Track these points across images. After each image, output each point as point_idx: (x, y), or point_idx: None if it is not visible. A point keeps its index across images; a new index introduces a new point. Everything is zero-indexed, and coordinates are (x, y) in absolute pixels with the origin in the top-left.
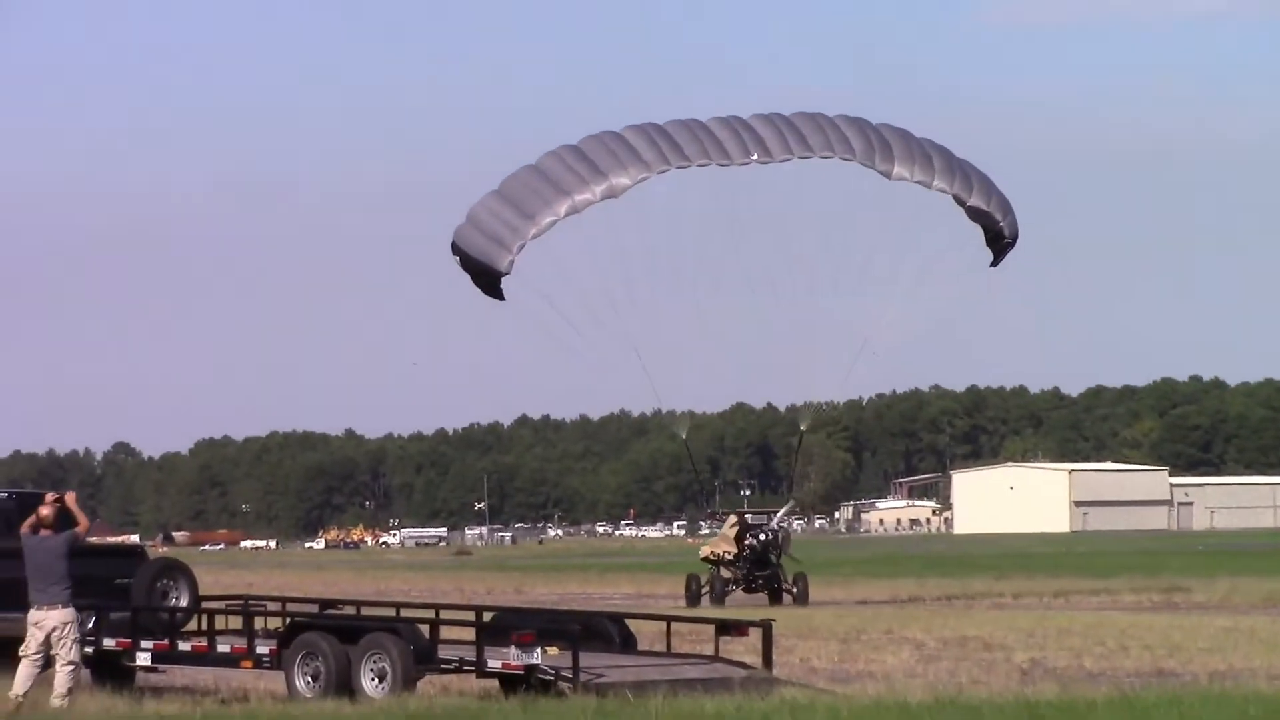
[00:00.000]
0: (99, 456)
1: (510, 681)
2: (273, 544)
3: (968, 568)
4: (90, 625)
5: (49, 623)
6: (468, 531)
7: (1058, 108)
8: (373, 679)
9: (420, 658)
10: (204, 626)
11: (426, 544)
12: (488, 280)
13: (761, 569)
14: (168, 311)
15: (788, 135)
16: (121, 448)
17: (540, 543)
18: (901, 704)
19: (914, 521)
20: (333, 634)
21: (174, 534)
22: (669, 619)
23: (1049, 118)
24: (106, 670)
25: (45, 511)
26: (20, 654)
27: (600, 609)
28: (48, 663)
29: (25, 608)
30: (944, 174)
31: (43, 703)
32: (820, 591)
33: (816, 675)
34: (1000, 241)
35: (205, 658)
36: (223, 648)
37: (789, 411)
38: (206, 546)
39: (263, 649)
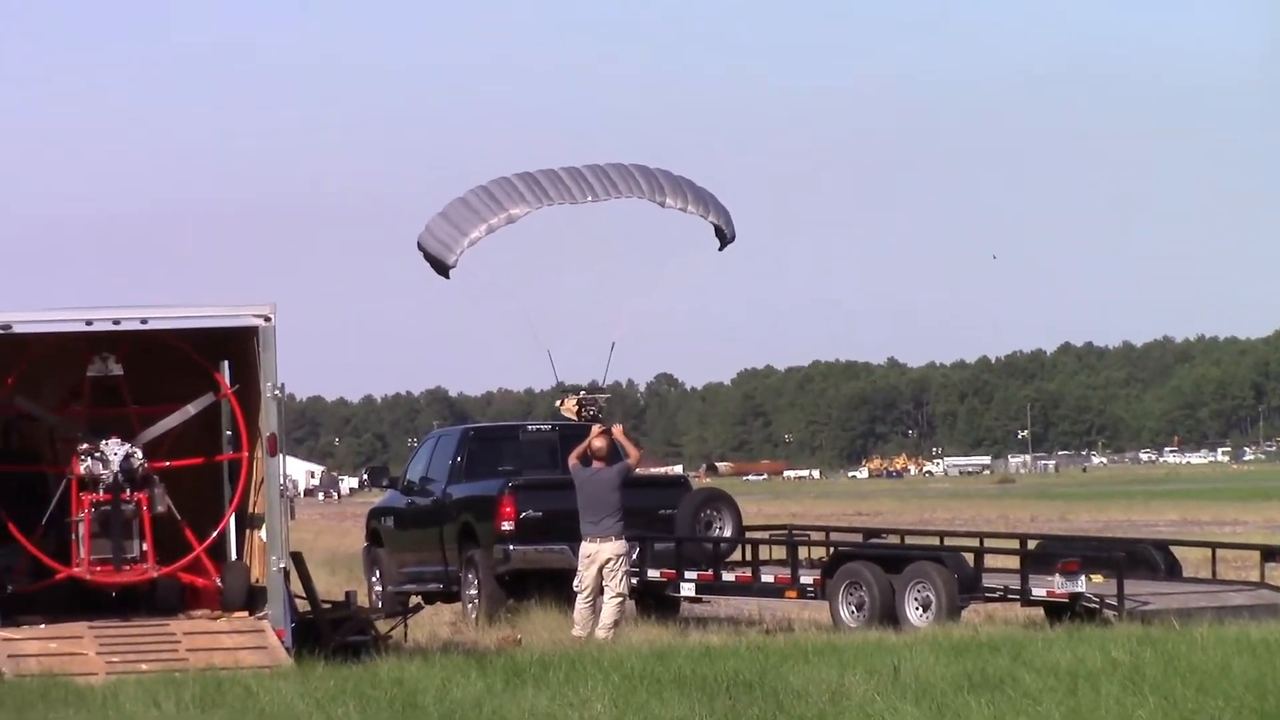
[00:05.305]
0: (642, 388)
1: (1055, 609)
2: (816, 474)
3: None
4: (635, 556)
5: (602, 555)
6: (1011, 459)
7: None
8: (917, 608)
9: (965, 586)
10: (748, 557)
11: (970, 472)
12: (441, 268)
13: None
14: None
15: (605, 181)
16: (664, 378)
17: (1084, 470)
18: None
19: None
20: (877, 563)
21: (717, 464)
22: (1214, 545)
23: None
24: (651, 601)
25: (599, 443)
26: (575, 589)
27: (1145, 536)
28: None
29: (570, 540)
30: (695, 201)
31: (589, 634)
32: None
33: None
34: (724, 239)
35: (749, 588)
36: (766, 578)
37: None
38: (750, 477)
39: (807, 579)
